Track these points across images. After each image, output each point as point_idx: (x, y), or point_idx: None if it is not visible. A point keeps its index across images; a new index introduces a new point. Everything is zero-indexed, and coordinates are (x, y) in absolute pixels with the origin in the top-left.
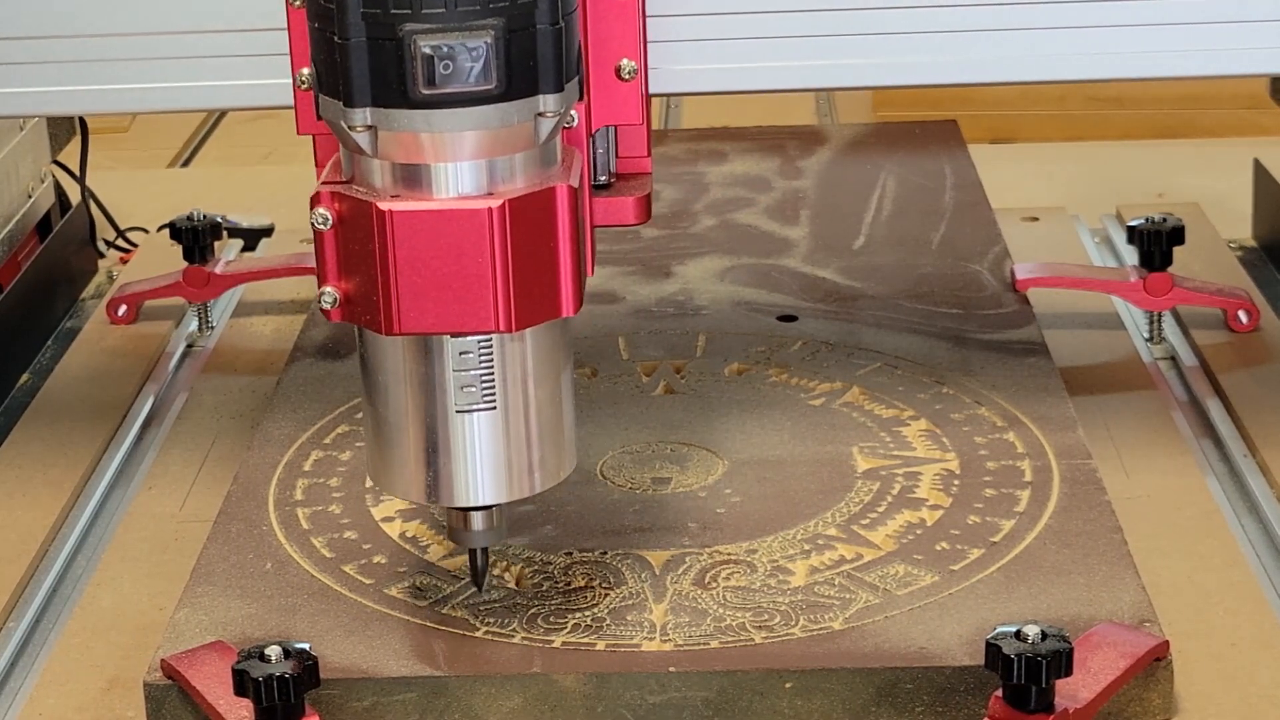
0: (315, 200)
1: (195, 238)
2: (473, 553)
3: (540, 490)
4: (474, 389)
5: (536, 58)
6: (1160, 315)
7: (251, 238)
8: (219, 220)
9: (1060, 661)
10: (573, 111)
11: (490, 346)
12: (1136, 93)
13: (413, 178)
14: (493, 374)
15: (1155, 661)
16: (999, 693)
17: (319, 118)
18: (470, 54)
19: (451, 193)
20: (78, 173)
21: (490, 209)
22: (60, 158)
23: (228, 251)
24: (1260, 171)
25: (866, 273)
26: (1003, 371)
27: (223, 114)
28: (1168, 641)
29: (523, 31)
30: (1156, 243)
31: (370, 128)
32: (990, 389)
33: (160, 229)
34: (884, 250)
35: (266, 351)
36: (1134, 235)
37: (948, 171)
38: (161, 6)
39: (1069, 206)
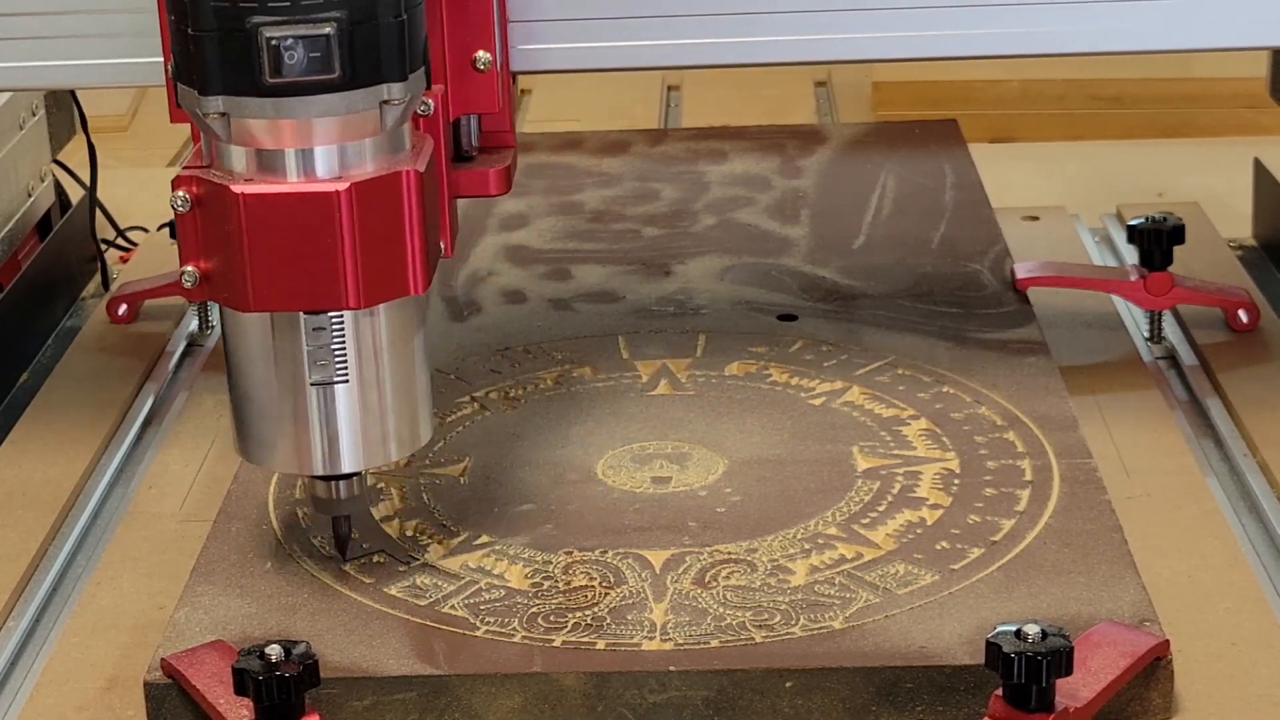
0: (175, 184)
1: None
2: (335, 520)
3: (396, 459)
4: (328, 363)
5: (379, 48)
6: (1160, 314)
7: None
8: None
9: (1060, 660)
10: (427, 100)
11: (342, 322)
12: (1137, 92)
13: (266, 162)
14: (345, 348)
15: (1156, 661)
16: (999, 692)
17: (178, 105)
18: (313, 44)
19: (302, 176)
20: (86, 182)
21: (338, 191)
22: (60, 156)
23: None
24: (1260, 171)
25: (867, 272)
26: (1003, 371)
27: None
28: (1168, 641)
29: (366, 23)
30: (1157, 242)
31: (223, 115)
32: (990, 388)
33: (160, 228)
34: (884, 250)
35: None
36: (1134, 234)
37: (948, 171)
38: None
39: (1069, 206)
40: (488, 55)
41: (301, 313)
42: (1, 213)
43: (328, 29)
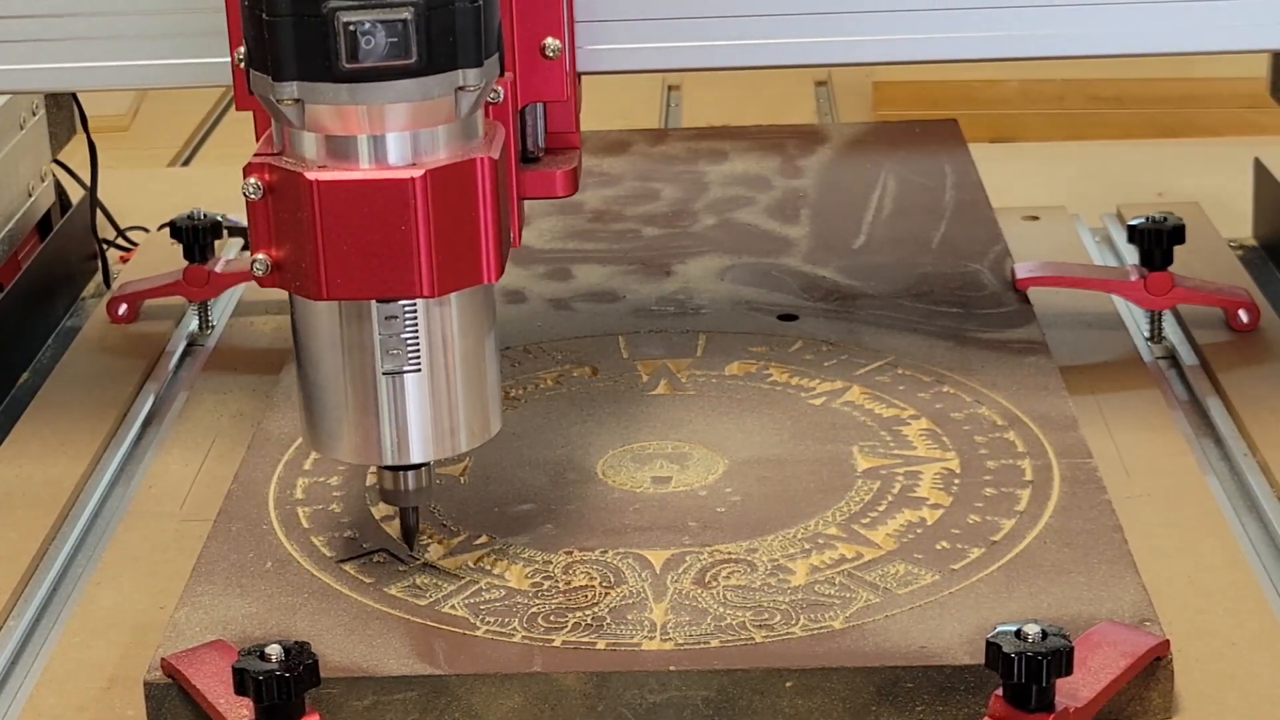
0: (247, 171)
1: (195, 236)
2: (403, 511)
3: (465, 450)
4: (400, 352)
5: (456, 34)
6: (1160, 314)
7: None
8: (219, 219)
9: (1060, 660)
10: (497, 87)
11: (415, 311)
12: (1137, 92)
13: (339, 149)
14: (418, 337)
15: (1155, 661)
16: (999, 691)
17: (250, 92)
18: (392, 29)
19: (376, 163)
20: (87, 182)
21: (413, 179)
22: (60, 156)
23: (228, 250)
24: (1260, 171)
25: (867, 272)
26: (1003, 370)
27: (223, 113)
28: (1168, 640)
29: (442, 9)
30: (1157, 242)
31: (297, 101)
32: (990, 388)
33: (160, 228)
34: (884, 249)
35: (266, 351)
36: (1134, 234)
37: (948, 171)
38: None
39: (1069, 206)
40: (557, 42)
41: (374, 301)
42: (2, 212)
43: (406, 13)
